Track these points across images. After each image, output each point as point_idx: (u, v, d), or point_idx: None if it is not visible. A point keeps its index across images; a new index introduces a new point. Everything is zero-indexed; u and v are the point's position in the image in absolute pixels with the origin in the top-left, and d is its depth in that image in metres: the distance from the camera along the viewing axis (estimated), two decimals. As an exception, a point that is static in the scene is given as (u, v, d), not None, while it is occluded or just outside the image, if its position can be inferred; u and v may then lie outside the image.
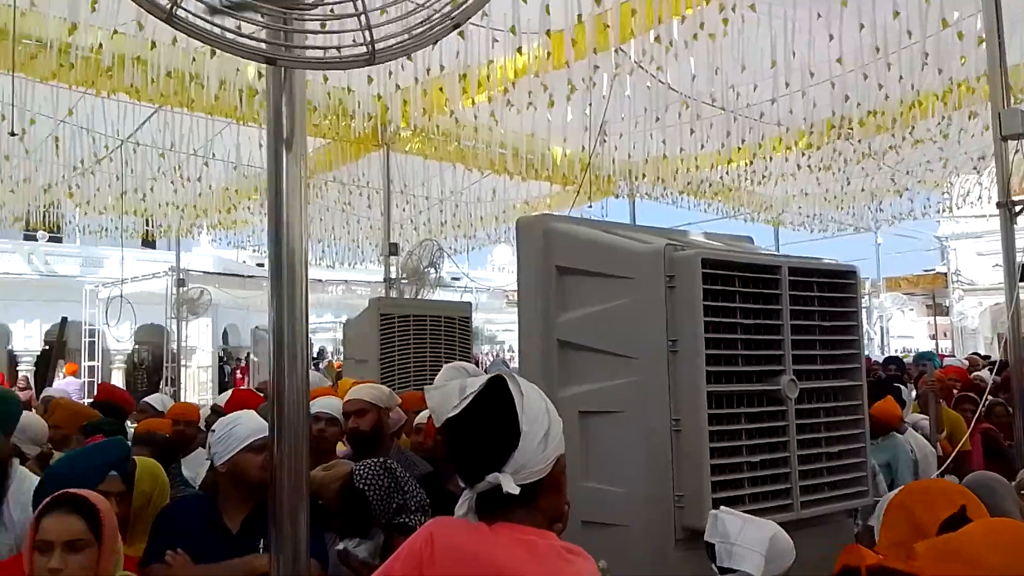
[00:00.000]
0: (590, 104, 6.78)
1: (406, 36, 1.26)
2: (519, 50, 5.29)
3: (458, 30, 1.34)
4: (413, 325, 6.36)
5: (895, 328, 24.19)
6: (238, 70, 5.93)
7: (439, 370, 6.29)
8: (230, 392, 6.02)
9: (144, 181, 9.18)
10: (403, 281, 8.39)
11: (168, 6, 1.09)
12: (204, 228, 12.05)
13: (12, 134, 4.84)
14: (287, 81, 1.48)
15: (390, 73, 5.16)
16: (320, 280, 15.08)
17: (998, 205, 4.24)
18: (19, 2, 4.61)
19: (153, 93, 5.71)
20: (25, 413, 3.33)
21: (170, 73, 5.71)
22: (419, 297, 7.79)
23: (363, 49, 1.21)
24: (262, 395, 4.61)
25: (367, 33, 1.23)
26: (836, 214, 11.94)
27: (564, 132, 8.09)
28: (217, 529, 2.36)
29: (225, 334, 19.80)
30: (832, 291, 2.46)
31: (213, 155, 8.47)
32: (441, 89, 6.24)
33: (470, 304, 7.02)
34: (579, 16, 4.69)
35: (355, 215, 10.80)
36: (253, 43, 1.27)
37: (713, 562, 1.75)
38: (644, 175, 8.86)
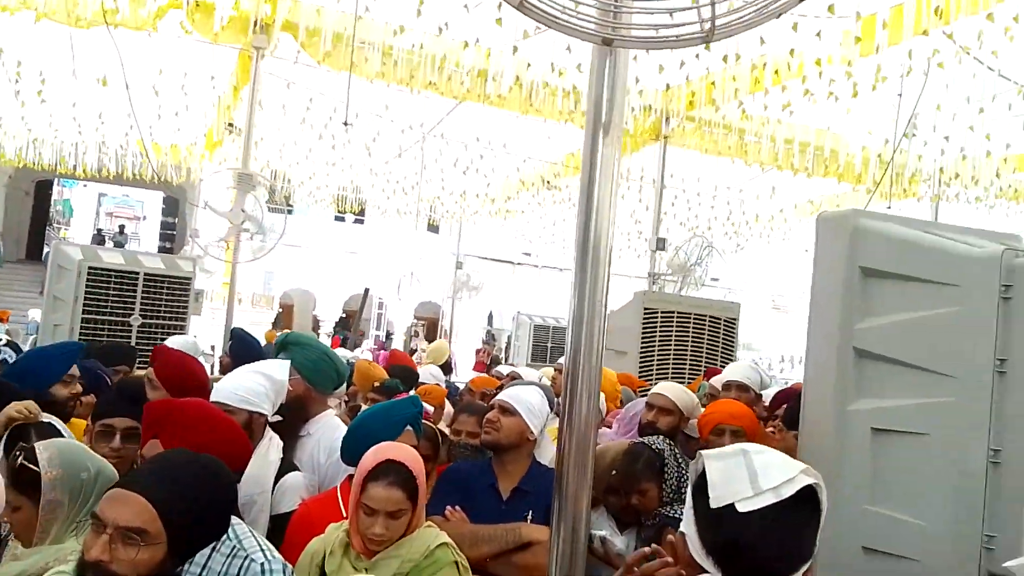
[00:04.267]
0: (899, 95, 6.15)
1: (750, 9, 1.21)
2: (818, 34, 4.94)
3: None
4: (677, 321, 6.28)
5: None
6: (529, 65, 6.27)
7: (700, 369, 6.17)
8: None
9: (436, 171, 10.08)
10: (667, 276, 8.31)
11: (518, -4, 1.17)
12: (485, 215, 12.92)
13: (346, 124, 5.58)
14: (612, 62, 1.51)
15: (681, 63, 5.10)
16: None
17: None
18: (357, 9, 5.30)
19: (458, 90, 6.26)
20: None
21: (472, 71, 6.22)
22: (682, 293, 7.67)
23: (697, 27, 1.19)
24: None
25: (708, 9, 1.20)
26: None
27: (864, 126, 7.43)
28: (493, 494, 2.52)
29: (491, 316, 21.18)
30: None
31: (504, 146, 9.05)
32: (735, 78, 6.04)
33: (739, 305, 6.75)
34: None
35: (625, 208, 10.89)
36: (588, 23, 1.30)
37: None
38: (957, 175, 7.82)
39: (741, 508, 1.23)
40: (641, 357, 6.36)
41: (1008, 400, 1.89)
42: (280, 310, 18.77)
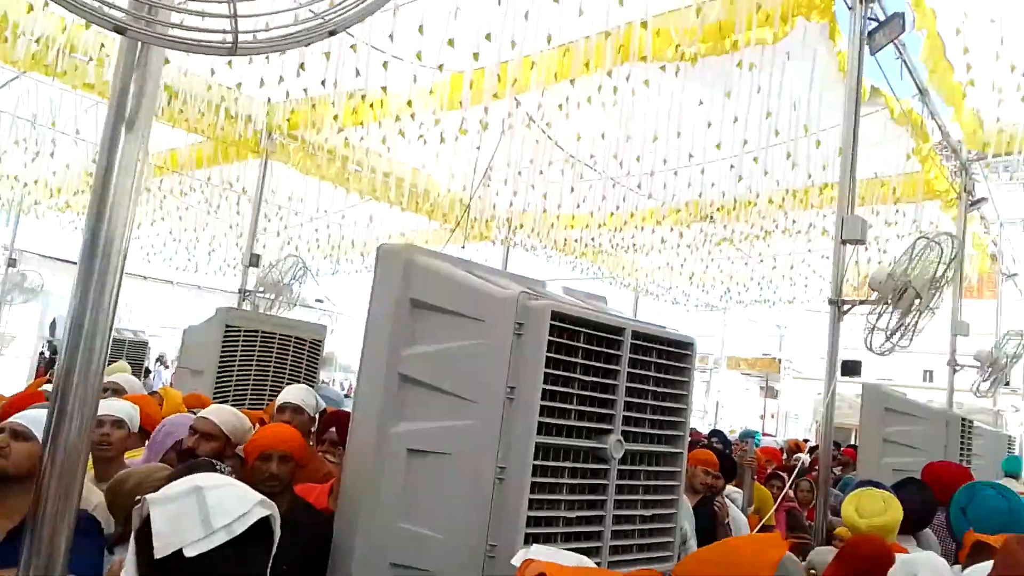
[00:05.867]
0: (478, 148, 6.88)
1: (275, 33, 1.21)
2: (414, 78, 5.30)
3: (333, 36, 1.30)
4: (261, 341, 6.09)
5: (730, 404, 25.71)
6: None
7: (280, 390, 6.06)
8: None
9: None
10: (260, 294, 8.05)
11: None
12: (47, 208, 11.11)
13: None
14: (143, 57, 1.38)
15: (280, 79, 5.02)
16: (171, 282, 14.25)
17: (829, 302, 4.62)
18: None
19: (21, 59, 5.28)
20: None
21: (39, 39, 5.32)
22: (273, 313, 7.49)
23: (225, 37, 1.15)
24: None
25: (233, 21, 1.17)
26: (692, 290, 12.63)
27: (451, 170, 8.14)
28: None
29: (53, 324, 18.23)
30: (670, 359, 2.56)
31: (77, 131, 7.90)
32: (333, 103, 6.14)
33: (324, 327, 6.82)
34: (475, 55, 4.73)
35: (218, 219, 10.32)
36: (109, 9, 1.18)
37: None
38: (522, 225, 9.03)
39: (189, 553, 1.17)
40: (218, 377, 6.02)
41: (514, 423, 2.17)
42: None
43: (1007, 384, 15.26)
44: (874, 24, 4.74)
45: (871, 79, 5.68)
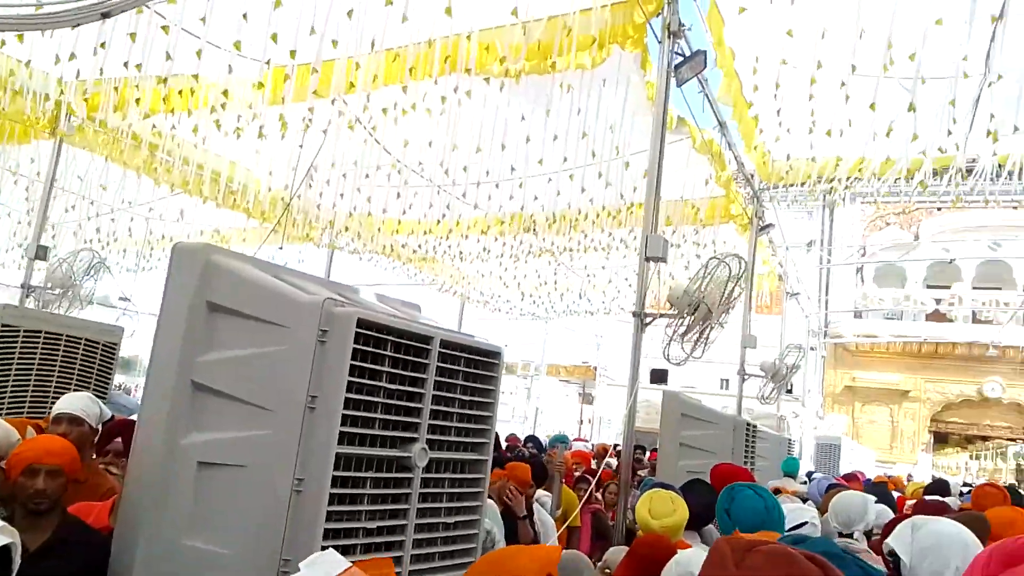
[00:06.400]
0: (301, 146, 6.66)
1: (33, 10, 1.09)
2: (230, 68, 5.03)
3: (106, 19, 1.20)
4: (44, 342, 5.50)
5: (550, 410, 26.69)
6: None
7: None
8: None
9: None
10: (48, 290, 7.28)
11: None
12: None
13: None
14: None
15: (72, 56, 4.55)
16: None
17: (633, 314, 4.92)
18: None
19: None
20: None
21: None
22: (62, 312, 6.80)
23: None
24: None
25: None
26: (516, 299, 12.98)
27: (271, 167, 7.81)
28: None
29: None
30: (478, 368, 2.60)
31: None
32: (137, 87, 5.68)
33: (121, 329, 6.27)
34: (292, 52, 4.57)
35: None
36: None
37: None
38: (347, 228, 8.84)
39: None
40: (-10, 382, 5.36)
41: (315, 433, 2.11)
42: None
43: (790, 391, 17.06)
44: (680, 58, 5.13)
45: (679, 109, 6.15)
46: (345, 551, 2.12)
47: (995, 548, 1.44)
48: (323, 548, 2.03)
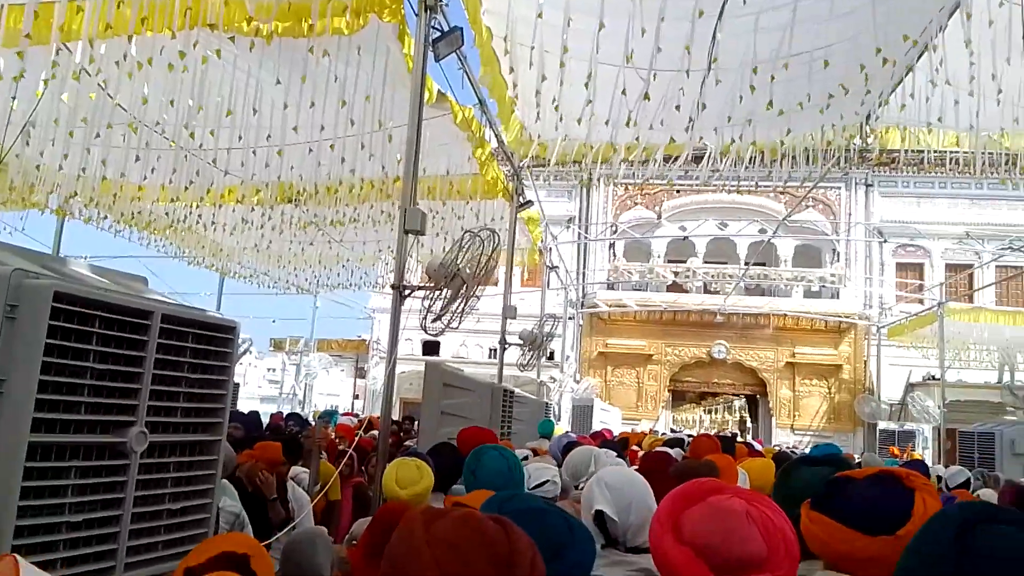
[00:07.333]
0: (14, 98, 5.81)
1: None
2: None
3: None
4: None
5: (321, 386, 26.10)
6: None
7: None
8: None
9: None
10: None
11: None
12: None
13: None
14: None
15: None
16: None
17: (392, 287, 4.94)
18: None
19: None
20: None
21: None
22: None
23: None
24: None
25: None
26: (281, 273, 12.44)
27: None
28: None
29: None
30: (208, 344, 2.46)
31: None
32: None
33: None
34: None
35: None
36: None
37: None
38: (76, 193, 7.87)
39: None
40: None
41: (2, 421, 1.87)
42: None
43: (551, 358, 18.17)
44: (438, 33, 5.17)
45: (440, 84, 6.20)
46: (48, 547, 1.93)
47: (678, 491, 1.64)
48: (14, 548, 1.83)
